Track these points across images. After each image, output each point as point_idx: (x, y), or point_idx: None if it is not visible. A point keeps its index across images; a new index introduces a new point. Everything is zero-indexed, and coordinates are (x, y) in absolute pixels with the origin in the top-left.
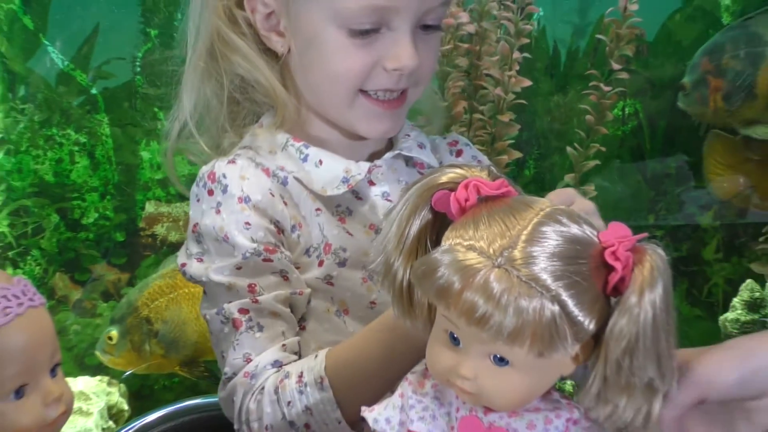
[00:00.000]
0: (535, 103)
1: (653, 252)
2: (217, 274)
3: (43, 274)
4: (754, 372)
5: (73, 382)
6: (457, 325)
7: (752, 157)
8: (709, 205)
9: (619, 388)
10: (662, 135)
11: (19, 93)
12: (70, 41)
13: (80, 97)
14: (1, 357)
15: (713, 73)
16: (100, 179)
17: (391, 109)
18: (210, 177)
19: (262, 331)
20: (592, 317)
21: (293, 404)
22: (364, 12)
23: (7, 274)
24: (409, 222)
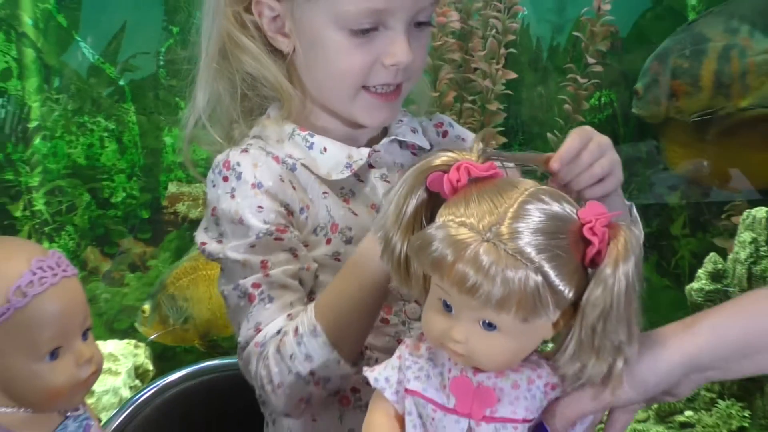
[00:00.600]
0: (520, 93)
1: (627, 228)
2: (233, 251)
3: (76, 247)
4: (662, 372)
5: (102, 345)
6: (449, 294)
7: (705, 138)
8: (676, 185)
9: (592, 349)
10: (634, 123)
11: (54, 84)
12: (100, 37)
13: (109, 88)
14: (38, 322)
15: (663, 74)
16: (127, 162)
17: (388, 101)
18: (225, 165)
19: (272, 303)
20: (571, 287)
21: (295, 356)
22: (363, 14)
23: (43, 247)
24: (406, 201)
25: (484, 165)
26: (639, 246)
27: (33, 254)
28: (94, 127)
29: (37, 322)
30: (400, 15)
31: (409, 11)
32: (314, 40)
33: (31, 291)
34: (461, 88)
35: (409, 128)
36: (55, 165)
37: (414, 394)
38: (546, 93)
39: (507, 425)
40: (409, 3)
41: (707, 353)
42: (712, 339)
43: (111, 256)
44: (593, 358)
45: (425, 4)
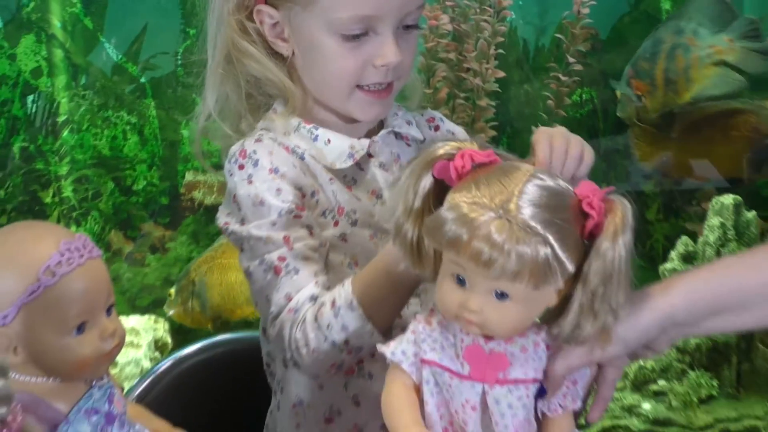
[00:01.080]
0: (508, 90)
1: (621, 202)
2: (256, 229)
3: (101, 231)
4: (642, 329)
5: (125, 320)
6: (465, 268)
7: (669, 134)
8: (651, 175)
9: (591, 312)
10: (612, 118)
11: (81, 82)
12: (123, 39)
13: (131, 85)
14: (65, 299)
15: (633, 77)
16: (148, 153)
17: (381, 98)
18: (241, 154)
19: (298, 274)
20: (573, 257)
21: (331, 326)
22: (353, 21)
23: (71, 231)
24: (414, 190)
25: (486, 152)
26: (633, 218)
27: (61, 237)
28: (117, 121)
29: (65, 299)
30: (387, 20)
31: (396, 16)
32: (310, 45)
33: (59, 271)
34: (455, 86)
35: (404, 121)
36: (81, 155)
37: (431, 364)
38: (531, 90)
39: (519, 386)
40: (396, 9)
41: (681, 311)
42: (686, 299)
43: (133, 239)
44: (591, 320)
45: (411, 8)
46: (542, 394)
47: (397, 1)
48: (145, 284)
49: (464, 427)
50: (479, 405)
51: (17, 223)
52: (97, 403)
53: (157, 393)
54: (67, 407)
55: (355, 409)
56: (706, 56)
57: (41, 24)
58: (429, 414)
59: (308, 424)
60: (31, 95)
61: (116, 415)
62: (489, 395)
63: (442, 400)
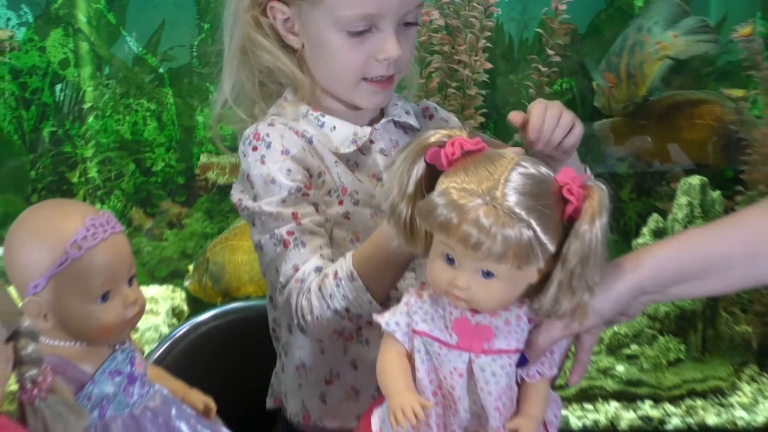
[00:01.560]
0: (495, 80)
1: (598, 188)
2: (267, 206)
3: (123, 208)
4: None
5: (145, 290)
6: (454, 249)
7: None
8: (624, 158)
9: (569, 289)
10: (590, 105)
11: (105, 72)
12: (143, 33)
13: (151, 75)
14: (91, 271)
15: (606, 71)
16: (165, 137)
17: (383, 88)
18: (255, 137)
19: (305, 247)
20: (554, 239)
21: (334, 296)
22: (358, 18)
23: (95, 208)
24: (408, 173)
25: (474, 140)
26: (609, 202)
27: (87, 214)
28: (138, 108)
29: (90, 270)
30: (389, 18)
31: (397, 14)
32: (318, 40)
33: (85, 245)
34: (447, 76)
35: (403, 110)
36: (105, 139)
37: (422, 335)
38: (516, 80)
39: (503, 356)
40: (397, 7)
41: (649, 280)
42: (654, 268)
43: (152, 216)
44: (569, 296)
45: (411, 7)
46: (523, 362)
47: (398, 1)
48: (163, 257)
49: (452, 392)
50: (466, 372)
51: (47, 201)
52: (120, 365)
53: (175, 356)
54: (93, 369)
55: (353, 372)
56: (654, 52)
57: (68, 19)
58: (420, 379)
59: (310, 385)
60: (60, 84)
61: (137, 376)
62: (475, 363)
63: (432, 367)
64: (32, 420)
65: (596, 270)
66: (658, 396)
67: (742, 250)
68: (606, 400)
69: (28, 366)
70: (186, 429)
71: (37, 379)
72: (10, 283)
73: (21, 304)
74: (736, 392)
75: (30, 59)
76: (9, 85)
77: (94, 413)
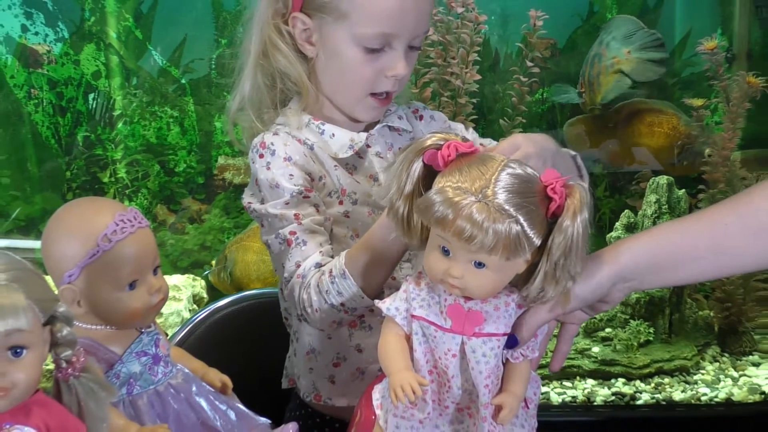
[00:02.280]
0: (483, 90)
1: (579, 187)
2: (273, 208)
3: (149, 205)
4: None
5: (168, 279)
6: (449, 242)
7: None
8: (599, 159)
9: (553, 279)
10: (568, 112)
11: (133, 82)
12: (167, 47)
13: (174, 85)
14: (119, 261)
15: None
16: (187, 141)
17: (383, 105)
18: (261, 145)
19: (306, 245)
20: (539, 234)
21: (329, 291)
22: (376, 36)
23: (124, 204)
24: (406, 173)
25: (467, 143)
26: (589, 200)
27: (116, 210)
28: (162, 115)
29: (119, 261)
30: (402, 38)
31: (409, 36)
32: (335, 52)
33: (114, 238)
34: (440, 86)
35: (396, 116)
36: (133, 143)
37: (419, 319)
38: (501, 89)
39: (492, 339)
40: (411, 31)
41: (627, 270)
42: (630, 259)
43: (175, 212)
44: (553, 285)
45: (420, 32)
46: (512, 343)
47: (412, 25)
48: (185, 249)
49: (446, 371)
50: (458, 353)
51: (80, 198)
52: (145, 346)
53: (195, 338)
54: (121, 350)
55: (358, 355)
56: (609, 65)
57: (100, 35)
58: (417, 359)
59: (319, 368)
60: (92, 93)
61: (161, 356)
62: (467, 345)
63: (428, 348)
64: (66, 396)
65: (578, 261)
66: (630, 374)
67: (708, 243)
68: (583, 378)
69: (64, 347)
70: (205, 404)
71: (71, 359)
72: (47, 273)
73: (57, 291)
74: (700, 371)
75: (66, 71)
76: (47, 95)
77: (122, 390)
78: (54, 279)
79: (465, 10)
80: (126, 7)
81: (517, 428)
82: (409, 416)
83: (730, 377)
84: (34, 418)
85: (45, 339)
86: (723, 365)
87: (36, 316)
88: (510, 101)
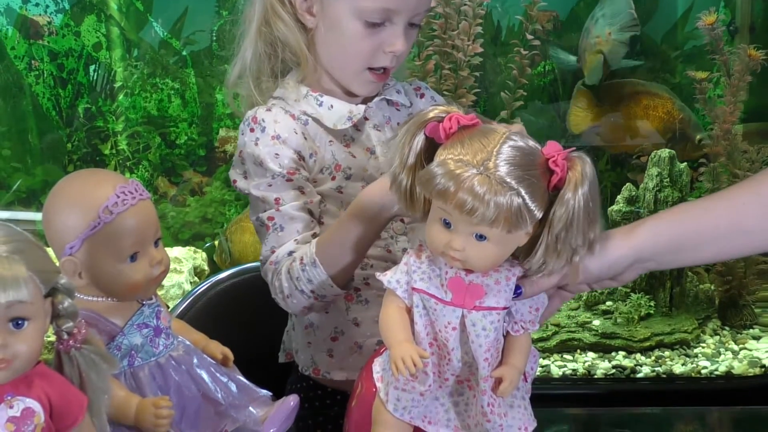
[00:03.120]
0: (484, 63)
1: (581, 159)
2: (255, 189)
3: (150, 177)
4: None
5: (170, 251)
6: (451, 215)
7: (601, 104)
8: (601, 133)
9: (555, 251)
10: (570, 84)
11: (134, 54)
12: (168, 19)
13: (175, 57)
14: (121, 233)
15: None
16: (188, 113)
17: (380, 80)
18: (253, 120)
19: (282, 231)
20: (540, 206)
21: (300, 278)
22: (377, 11)
23: (125, 177)
24: (409, 146)
25: (469, 115)
26: (593, 172)
27: (117, 182)
28: (163, 87)
29: (120, 233)
30: (403, 15)
31: (411, 13)
32: (335, 24)
33: (116, 210)
34: (442, 59)
35: (394, 90)
36: (134, 115)
37: (420, 292)
38: (503, 62)
39: (492, 312)
40: (412, 7)
41: (646, 250)
42: (650, 239)
43: (176, 184)
44: (555, 257)
45: (421, 10)
46: (516, 293)
47: (414, 1)
48: (186, 221)
49: (446, 344)
50: (459, 326)
51: (81, 170)
52: (147, 318)
53: (196, 311)
54: (123, 322)
55: (355, 329)
56: (593, 44)
57: (101, 6)
58: (418, 332)
59: (318, 342)
60: (93, 65)
61: (162, 328)
62: (467, 319)
63: (429, 321)
64: (68, 367)
65: (579, 234)
66: (630, 347)
67: (728, 222)
68: (584, 351)
69: (65, 319)
70: (206, 376)
71: (72, 331)
72: (48, 244)
73: (58, 263)
74: (700, 344)
75: (66, 43)
76: (48, 66)
77: (123, 362)
78: (55, 251)
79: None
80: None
81: (517, 400)
82: (410, 389)
83: (731, 350)
84: (35, 390)
85: (46, 311)
86: (723, 338)
87: (37, 287)
88: (511, 74)
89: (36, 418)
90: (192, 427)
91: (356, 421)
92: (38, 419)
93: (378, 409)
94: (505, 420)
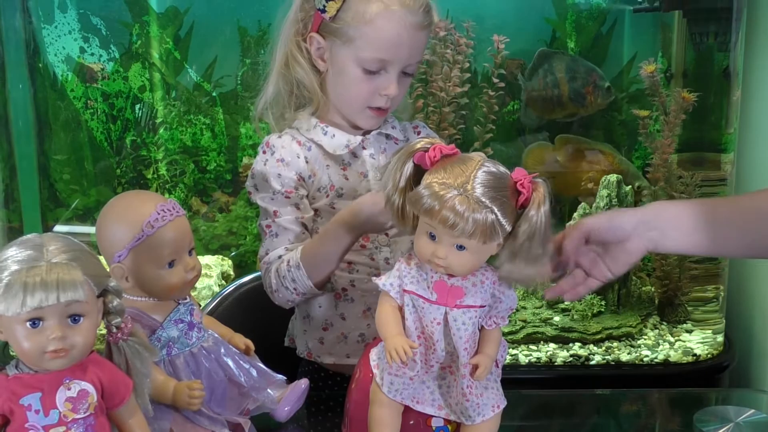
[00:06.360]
0: (464, 102)
1: (542, 183)
2: (260, 200)
3: (185, 197)
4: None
5: (201, 259)
6: (436, 228)
7: (558, 159)
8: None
9: (520, 259)
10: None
11: (172, 95)
12: (201, 65)
13: (206, 97)
14: (161, 244)
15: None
16: (217, 144)
17: (379, 116)
18: (266, 144)
19: (276, 238)
20: (510, 222)
21: (285, 278)
22: (374, 60)
23: (164, 197)
24: (400, 171)
25: (450, 146)
26: (550, 194)
27: (158, 201)
28: (196, 122)
29: (160, 244)
30: (396, 65)
31: (403, 64)
32: (341, 69)
33: (156, 224)
34: (428, 98)
35: (391, 125)
36: (172, 146)
37: (410, 293)
38: (477, 101)
39: (470, 310)
40: (404, 59)
41: (650, 215)
42: (656, 208)
43: (207, 203)
44: (522, 264)
45: (413, 62)
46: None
47: (405, 55)
48: (215, 234)
49: (432, 336)
50: (442, 321)
51: (128, 191)
52: (182, 315)
53: (223, 309)
54: (162, 318)
55: (342, 322)
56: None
57: (145, 55)
58: (408, 327)
59: (311, 331)
60: (138, 104)
61: (195, 323)
62: (449, 315)
63: (417, 318)
64: (116, 356)
65: (540, 245)
66: (585, 339)
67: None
68: (546, 342)
69: (114, 315)
70: (231, 363)
71: (120, 326)
72: (101, 253)
73: (108, 269)
74: (643, 336)
75: (116, 86)
76: (101, 105)
77: (162, 351)
78: (106, 259)
79: (447, 34)
80: (167, 33)
81: (491, 383)
82: (402, 374)
83: (668, 342)
84: (89, 374)
85: (99, 308)
86: (662, 332)
87: (91, 289)
88: (482, 111)
89: (90, 398)
90: (219, 405)
91: (356, 401)
92: (92, 399)
93: (374, 391)
94: (481, 399)
